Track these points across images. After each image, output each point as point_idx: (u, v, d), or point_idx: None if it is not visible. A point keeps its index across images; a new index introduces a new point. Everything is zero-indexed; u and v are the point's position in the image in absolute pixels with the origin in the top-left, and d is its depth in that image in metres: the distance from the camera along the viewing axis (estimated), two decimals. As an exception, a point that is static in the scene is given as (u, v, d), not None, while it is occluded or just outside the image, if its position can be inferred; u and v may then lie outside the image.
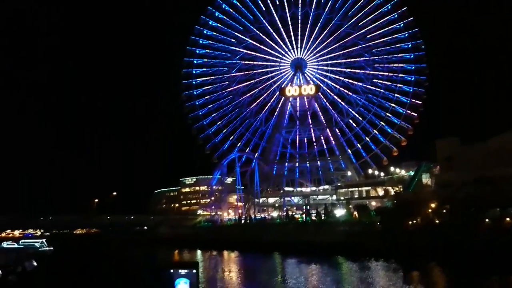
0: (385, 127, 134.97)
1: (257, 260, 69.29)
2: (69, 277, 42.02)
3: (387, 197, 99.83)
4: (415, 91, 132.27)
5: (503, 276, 41.14)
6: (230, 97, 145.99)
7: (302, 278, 48.16)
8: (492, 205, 60.64)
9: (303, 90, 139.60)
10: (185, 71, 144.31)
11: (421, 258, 51.33)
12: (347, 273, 52.41)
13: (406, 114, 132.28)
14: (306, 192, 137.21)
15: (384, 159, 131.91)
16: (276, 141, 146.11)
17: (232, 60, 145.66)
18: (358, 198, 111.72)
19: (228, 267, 66.50)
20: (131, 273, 44.06)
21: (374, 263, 55.84)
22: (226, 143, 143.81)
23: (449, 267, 46.92)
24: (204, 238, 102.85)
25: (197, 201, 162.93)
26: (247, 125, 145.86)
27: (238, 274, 55.74)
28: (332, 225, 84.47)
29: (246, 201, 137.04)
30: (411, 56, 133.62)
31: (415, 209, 70.84)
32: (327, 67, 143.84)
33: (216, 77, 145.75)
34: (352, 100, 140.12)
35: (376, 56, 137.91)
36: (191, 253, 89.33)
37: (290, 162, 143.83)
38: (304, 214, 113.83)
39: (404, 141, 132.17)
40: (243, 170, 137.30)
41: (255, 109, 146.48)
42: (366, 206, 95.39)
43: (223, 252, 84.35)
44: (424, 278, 44.54)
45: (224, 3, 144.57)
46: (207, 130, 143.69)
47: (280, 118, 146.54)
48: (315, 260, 59.71)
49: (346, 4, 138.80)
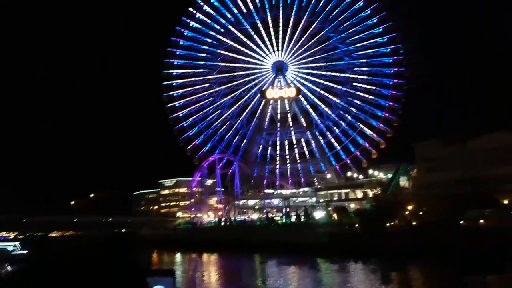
0: (364, 130, 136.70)
1: (238, 262, 69.03)
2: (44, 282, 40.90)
3: (366, 199, 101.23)
4: (394, 94, 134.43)
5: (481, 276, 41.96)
6: (211, 99, 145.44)
7: (282, 280, 48.18)
8: (470, 207, 61.99)
9: (284, 93, 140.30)
10: (166, 72, 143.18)
11: (400, 258, 52.05)
12: (326, 274, 52.67)
13: (385, 117, 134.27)
14: (286, 194, 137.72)
15: (364, 162, 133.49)
16: (257, 143, 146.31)
17: (213, 62, 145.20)
18: (337, 200, 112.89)
19: (208, 269, 66.04)
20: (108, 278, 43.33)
21: (353, 264, 56.31)
22: (207, 145, 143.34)
23: (427, 267, 47.69)
24: (184, 240, 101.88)
25: (177, 203, 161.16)
26: (228, 127, 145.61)
27: (218, 277, 55.39)
28: (312, 227, 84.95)
29: (227, 203, 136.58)
30: (390, 60, 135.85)
31: (393, 211, 72.03)
32: (307, 70, 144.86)
33: (197, 78, 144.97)
34: (332, 103, 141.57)
35: (356, 59, 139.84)
36: (170, 255, 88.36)
37: (271, 164, 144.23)
38: (284, 216, 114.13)
39: (383, 143, 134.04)
40: (223, 172, 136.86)
41: (236, 111, 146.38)
42: (346, 208, 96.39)
43: (203, 254, 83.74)
44: (403, 278, 45.11)
45: (205, 5, 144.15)
46: (188, 132, 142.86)
47: (261, 120, 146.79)
48: (295, 262, 59.84)
49: (327, 8, 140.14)
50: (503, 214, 58.32)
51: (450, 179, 67.97)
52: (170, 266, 70.63)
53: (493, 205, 60.55)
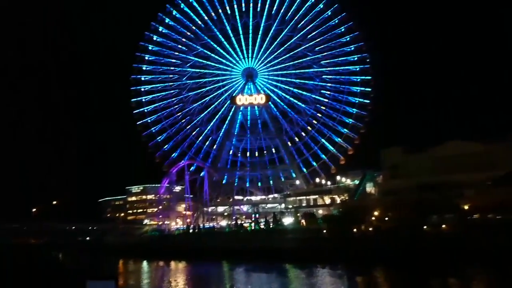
0: (332, 136, 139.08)
1: (206, 269, 68.35)
2: None
3: (333, 205, 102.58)
4: (361, 102, 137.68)
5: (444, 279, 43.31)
6: (180, 105, 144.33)
7: (250, 286, 48.04)
8: (433, 212, 63.90)
9: (254, 100, 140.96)
10: (134, 77, 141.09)
11: (366, 263, 52.99)
12: (294, 279, 52.91)
13: (352, 124, 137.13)
14: (256, 201, 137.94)
15: (333, 168, 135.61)
16: (227, 149, 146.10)
17: (183, 68, 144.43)
18: (306, 206, 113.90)
19: (175, 277, 64.96)
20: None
21: (320, 269, 56.80)
22: (177, 151, 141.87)
23: (393, 272, 48.74)
24: (151, 248, 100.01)
25: (144, 210, 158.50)
26: (198, 133, 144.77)
27: (185, 285, 54.59)
28: (280, 233, 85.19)
29: (195, 210, 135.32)
30: (357, 68, 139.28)
31: (360, 217, 73.24)
32: (277, 77, 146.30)
33: (166, 84, 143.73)
34: (302, 109, 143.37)
35: (324, 67, 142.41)
36: (137, 263, 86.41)
37: (240, 170, 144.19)
38: (253, 222, 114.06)
39: (351, 150, 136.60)
40: (192, 178, 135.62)
41: (206, 117, 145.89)
42: (314, 214, 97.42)
43: (171, 262, 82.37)
44: (369, 282, 45.91)
45: (175, 10, 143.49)
46: (157, 138, 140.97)
47: (231, 126, 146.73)
48: (263, 268, 59.82)
49: (296, 16, 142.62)
50: (463, 219, 60.43)
51: (412, 185, 69.94)
52: (136, 274, 69.15)
53: (453, 210, 62.64)
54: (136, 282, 58.94)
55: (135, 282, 58.95)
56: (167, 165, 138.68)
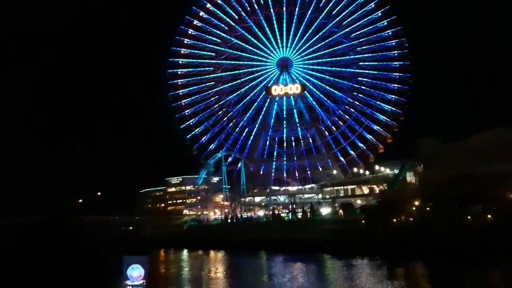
0: (370, 124, 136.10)
1: (244, 259, 69.36)
2: None
3: (372, 195, 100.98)
4: (400, 88, 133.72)
5: (485, 271, 41.96)
6: (216, 97, 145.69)
7: (288, 276, 48.39)
8: (474, 202, 61.81)
9: (289, 89, 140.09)
10: (171, 72, 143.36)
11: (406, 254, 52.03)
12: (332, 270, 52.80)
13: (391, 112, 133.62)
14: (292, 191, 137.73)
15: (371, 156, 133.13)
16: (263, 140, 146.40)
17: (218, 60, 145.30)
18: (343, 197, 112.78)
19: (214, 266, 66.44)
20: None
21: (359, 260, 56.36)
22: (214, 143, 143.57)
23: (433, 263, 47.64)
24: (190, 238, 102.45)
25: (183, 200, 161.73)
26: (234, 125, 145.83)
27: (224, 274, 55.71)
28: (318, 223, 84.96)
29: (232, 201, 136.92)
30: (395, 54, 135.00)
31: (399, 207, 71.84)
32: (312, 66, 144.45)
33: (202, 77, 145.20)
34: (338, 98, 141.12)
35: (360, 54, 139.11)
36: (177, 253, 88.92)
37: (277, 161, 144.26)
38: (290, 212, 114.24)
39: (390, 138, 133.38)
40: (229, 169, 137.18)
41: (241, 108, 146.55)
42: (351, 204, 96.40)
43: (210, 252, 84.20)
44: (409, 274, 45.15)
45: (208, 3, 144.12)
46: (194, 130, 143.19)
47: (267, 117, 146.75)
48: (301, 258, 60.01)
49: (330, 3, 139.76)
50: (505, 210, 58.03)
51: (452, 176, 67.58)
52: (176, 263, 71.19)
53: (495, 201, 60.31)
54: (177, 270, 60.74)
55: (176, 270, 60.78)
56: (205, 157, 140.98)
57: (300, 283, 44.41)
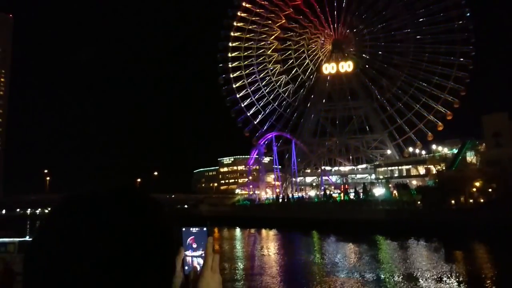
0: (429, 101, 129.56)
1: (296, 238, 69.67)
2: None
3: (429, 175, 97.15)
4: (461, 62, 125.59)
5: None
6: (267, 78, 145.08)
7: (340, 256, 48.02)
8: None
9: (341, 67, 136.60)
10: (221, 55, 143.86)
11: (465, 237, 49.85)
12: (386, 251, 51.74)
13: (451, 86, 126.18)
14: (345, 171, 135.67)
15: (429, 135, 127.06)
16: (315, 119, 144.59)
17: (267, 41, 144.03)
18: (398, 177, 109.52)
19: (266, 244, 67.32)
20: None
21: (414, 242, 54.78)
22: (265, 125, 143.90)
23: (495, 246, 45.29)
24: (242, 216, 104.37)
25: (235, 180, 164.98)
26: (285, 105, 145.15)
27: (277, 251, 56.32)
28: (371, 204, 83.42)
29: (284, 180, 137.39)
30: (455, 25, 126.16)
31: (458, 188, 68.71)
32: (365, 42, 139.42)
33: (252, 58, 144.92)
34: (393, 74, 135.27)
35: (417, 27, 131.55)
36: (230, 231, 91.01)
37: (329, 140, 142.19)
38: (342, 193, 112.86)
39: (450, 114, 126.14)
40: (281, 150, 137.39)
41: (293, 88, 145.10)
42: (407, 185, 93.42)
43: (262, 230, 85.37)
44: (467, 257, 43.24)
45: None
46: (246, 112, 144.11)
47: (319, 96, 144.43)
48: (354, 239, 59.27)
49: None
50: None
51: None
52: (230, 241, 72.93)
53: None
54: (230, 247, 62.23)
55: (229, 247, 62.29)
56: (256, 138, 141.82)
57: (353, 263, 43.92)
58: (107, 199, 1.09)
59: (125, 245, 0.99)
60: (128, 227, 1.03)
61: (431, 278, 31.94)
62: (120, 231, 1.01)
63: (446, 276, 32.46)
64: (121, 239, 1.00)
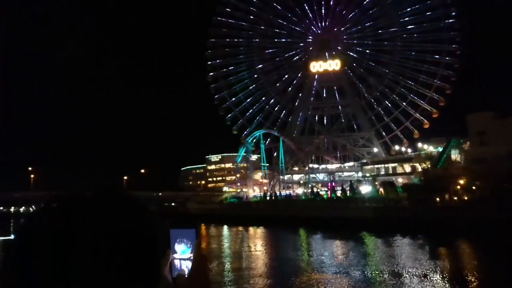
0: (415, 99, 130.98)
1: (283, 235, 69.87)
2: None
3: (414, 173, 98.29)
4: (447, 61, 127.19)
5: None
6: (255, 76, 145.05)
7: (327, 253, 48.34)
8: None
9: (329, 66, 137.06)
10: (209, 52, 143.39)
11: (450, 234, 50.59)
12: (372, 248, 52.25)
13: (438, 85, 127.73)
14: (332, 169, 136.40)
15: (416, 132, 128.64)
16: (303, 117, 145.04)
17: (255, 39, 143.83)
18: (384, 175, 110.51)
19: (254, 242, 67.40)
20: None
21: (400, 238, 55.42)
22: (254, 123, 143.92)
23: (479, 243, 46.06)
24: (230, 214, 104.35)
25: (223, 178, 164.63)
26: (273, 103, 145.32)
27: (264, 249, 56.43)
28: (358, 202, 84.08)
29: (271, 178, 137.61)
30: (442, 24, 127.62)
31: (443, 185, 69.64)
32: (353, 40, 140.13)
33: (240, 56, 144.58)
34: (381, 73, 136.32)
35: (405, 26, 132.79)
36: (218, 228, 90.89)
37: (316, 138, 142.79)
38: (329, 190, 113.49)
39: (436, 113, 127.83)
40: (268, 147, 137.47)
41: (281, 86, 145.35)
42: (393, 183, 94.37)
43: (249, 228, 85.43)
44: (452, 253, 43.91)
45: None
46: (234, 110, 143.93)
47: (306, 94, 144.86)
48: (340, 236, 59.69)
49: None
50: None
51: (503, 153, 64.33)
52: (217, 238, 72.84)
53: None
54: (217, 245, 62.16)
55: (217, 245, 62.21)
56: (245, 136, 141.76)
57: (340, 260, 44.26)
58: (89, 202, 1.06)
59: (106, 251, 0.96)
60: (109, 231, 0.99)
61: (415, 274, 32.39)
62: (101, 235, 0.97)
63: (431, 272, 32.96)
64: (102, 244, 0.96)
